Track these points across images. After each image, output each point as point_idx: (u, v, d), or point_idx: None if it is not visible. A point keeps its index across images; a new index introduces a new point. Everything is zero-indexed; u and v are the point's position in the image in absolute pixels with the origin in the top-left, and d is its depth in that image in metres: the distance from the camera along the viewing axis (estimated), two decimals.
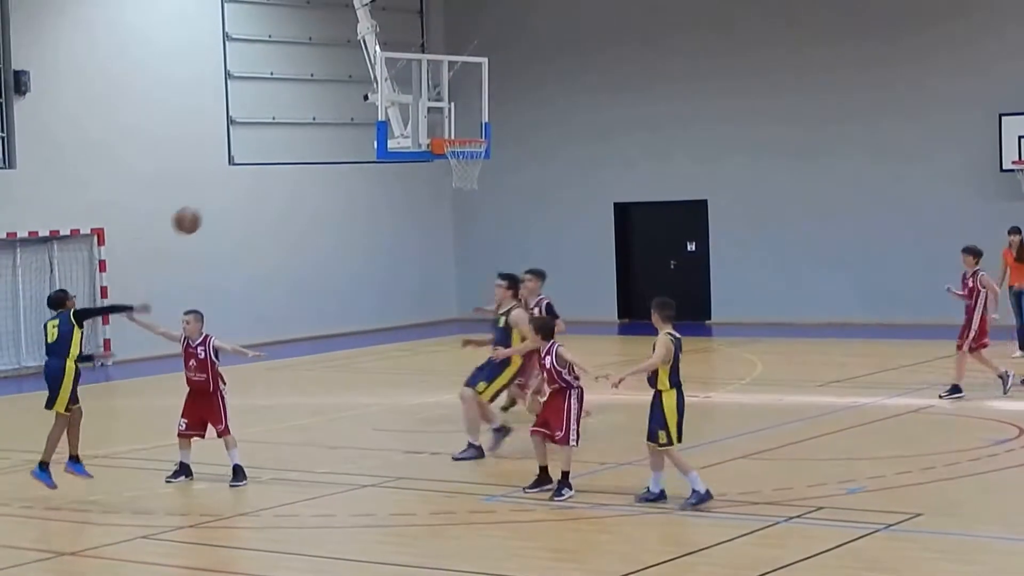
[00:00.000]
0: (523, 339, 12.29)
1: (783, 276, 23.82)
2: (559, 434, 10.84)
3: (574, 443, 10.91)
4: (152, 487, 12.00)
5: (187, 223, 11.39)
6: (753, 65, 23.80)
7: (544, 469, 11.05)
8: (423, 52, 20.08)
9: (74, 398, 11.51)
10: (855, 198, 23.19)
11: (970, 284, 15.14)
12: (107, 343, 21.68)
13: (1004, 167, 21.56)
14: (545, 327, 11.28)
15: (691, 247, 25.02)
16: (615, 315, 25.49)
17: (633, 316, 25.41)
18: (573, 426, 10.92)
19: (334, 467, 12.49)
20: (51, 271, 21.14)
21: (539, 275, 14.24)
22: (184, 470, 12.07)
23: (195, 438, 12.15)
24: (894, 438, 13.18)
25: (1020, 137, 21.34)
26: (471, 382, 12.59)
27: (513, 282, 13.03)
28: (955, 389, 15.03)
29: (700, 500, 10.38)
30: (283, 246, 24.04)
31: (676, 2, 24.58)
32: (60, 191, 21.28)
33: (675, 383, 10.54)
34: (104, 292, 21.60)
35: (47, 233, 21.06)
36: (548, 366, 10.99)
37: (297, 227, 24.37)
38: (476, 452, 12.46)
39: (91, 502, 11.42)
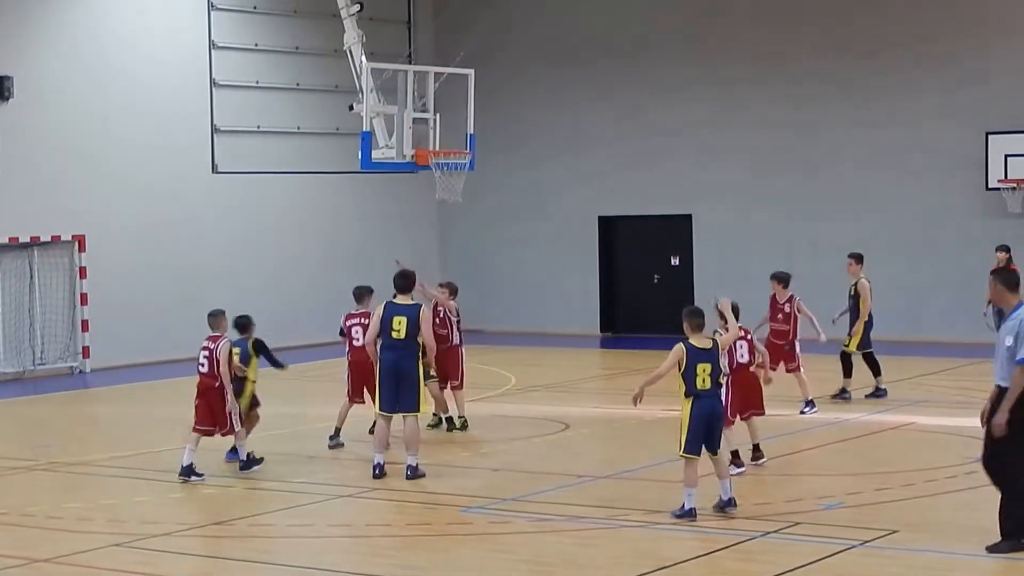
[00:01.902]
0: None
1: (767, 291, 23.80)
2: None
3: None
4: (128, 495, 11.92)
5: None
6: (739, 80, 23.86)
7: None
8: (409, 63, 20.06)
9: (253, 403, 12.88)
10: (841, 214, 23.24)
11: (786, 310, 15.30)
12: (86, 350, 21.58)
13: (990, 185, 21.65)
14: None
15: (675, 261, 25.03)
16: (598, 328, 25.49)
17: (616, 330, 25.41)
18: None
19: (311, 477, 12.44)
20: (31, 277, 21.05)
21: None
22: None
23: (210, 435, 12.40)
24: (872, 455, 13.18)
25: (1007, 156, 21.43)
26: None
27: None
28: (810, 403, 15.23)
29: (683, 515, 10.36)
30: (266, 255, 23.99)
31: (662, 16, 24.64)
32: (41, 197, 21.21)
33: (691, 392, 10.32)
34: (84, 299, 21.52)
35: (27, 239, 20.97)
36: None
37: (280, 236, 24.32)
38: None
39: (66, 509, 11.34)
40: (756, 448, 12.29)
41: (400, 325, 11.96)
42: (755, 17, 23.82)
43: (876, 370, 16.40)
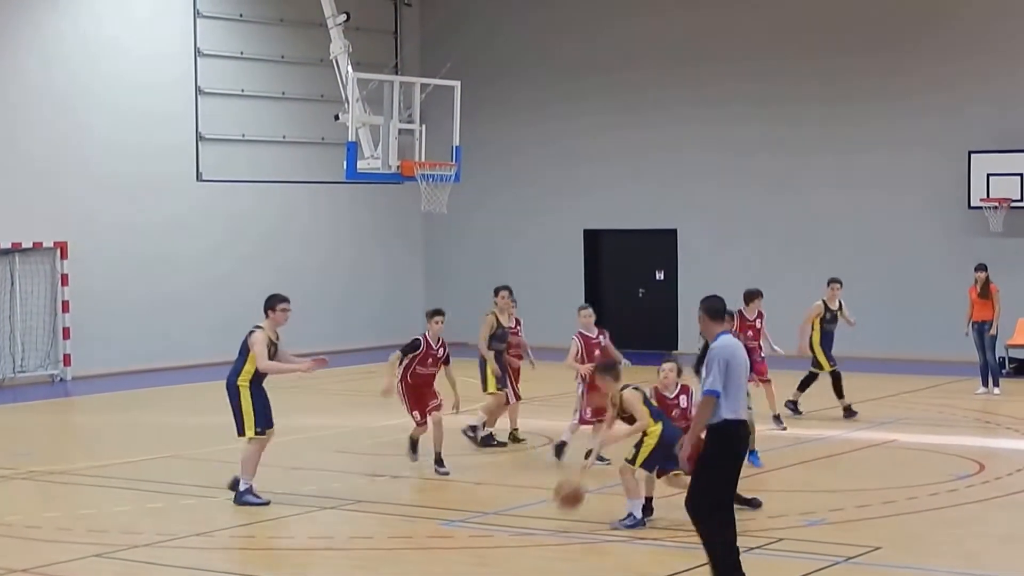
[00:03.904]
0: None
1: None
2: None
3: None
4: (108, 505, 11.84)
5: (567, 498, 10.61)
6: (724, 96, 23.92)
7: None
8: (396, 73, 20.05)
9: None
10: (824, 231, 23.31)
11: (756, 326, 15.35)
12: (67, 358, 21.46)
13: (972, 204, 21.72)
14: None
15: (660, 276, 25.05)
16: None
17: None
18: None
19: (293, 488, 12.38)
20: (12, 284, 20.94)
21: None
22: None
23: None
24: (855, 471, 13.19)
25: (989, 175, 21.51)
26: None
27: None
28: (777, 418, 15.32)
29: (634, 524, 10.48)
30: (250, 264, 23.90)
31: (648, 32, 24.69)
32: (23, 204, 21.11)
33: (660, 418, 10.70)
34: (65, 306, 21.41)
35: (9, 245, 20.86)
36: None
37: (265, 246, 24.26)
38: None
39: (45, 519, 11.26)
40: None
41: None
42: (741, 37, 23.88)
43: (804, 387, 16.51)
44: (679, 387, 11.34)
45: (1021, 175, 21.32)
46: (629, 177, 24.85)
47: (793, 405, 16.34)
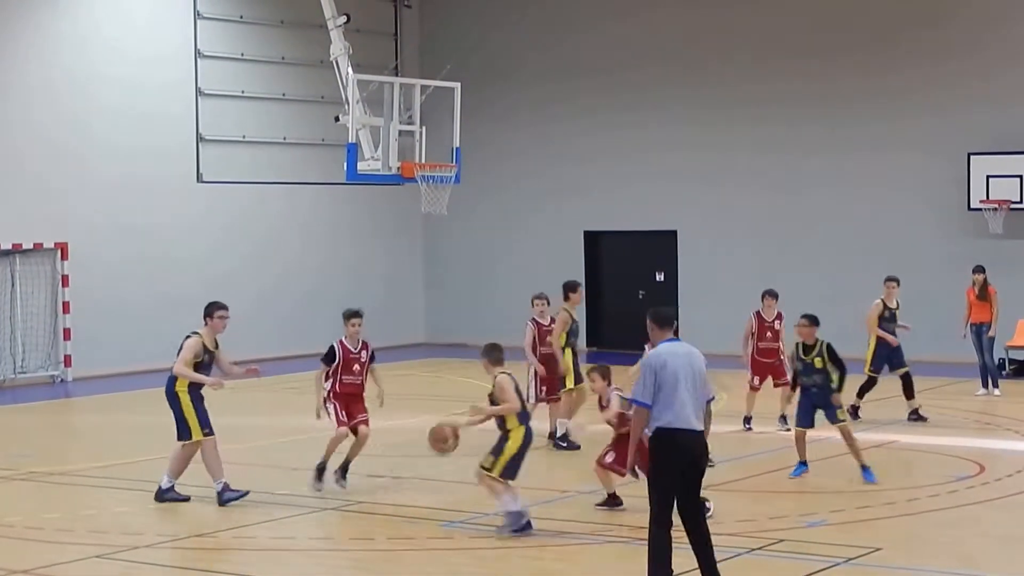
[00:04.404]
0: None
1: (750, 308, 23.83)
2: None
3: None
4: (108, 505, 11.85)
5: (438, 441, 10.64)
6: (724, 98, 23.94)
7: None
8: (396, 75, 20.07)
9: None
10: (823, 232, 23.32)
11: (776, 327, 15.33)
12: (67, 359, 21.48)
13: (972, 206, 21.74)
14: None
15: (660, 277, 25.06)
16: (584, 343, 25.44)
17: (602, 344, 25.40)
18: None
19: (294, 489, 12.38)
20: (12, 285, 20.95)
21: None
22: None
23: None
24: (856, 473, 13.18)
25: (988, 176, 21.53)
26: None
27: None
28: (784, 419, 15.22)
29: (516, 523, 10.43)
30: (250, 265, 23.93)
31: (648, 34, 24.71)
32: (24, 205, 21.13)
33: (525, 422, 10.63)
34: (66, 307, 21.43)
35: (9, 246, 20.88)
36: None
37: (265, 247, 24.28)
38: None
39: (46, 519, 11.27)
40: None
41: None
42: (739, 38, 23.89)
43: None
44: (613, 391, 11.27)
45: (1020, 177, 21.34)
46: (629, 178, 24.86)
47: (855, 411, 15.78)
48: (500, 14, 26.18)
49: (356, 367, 12.31)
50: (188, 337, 11.93)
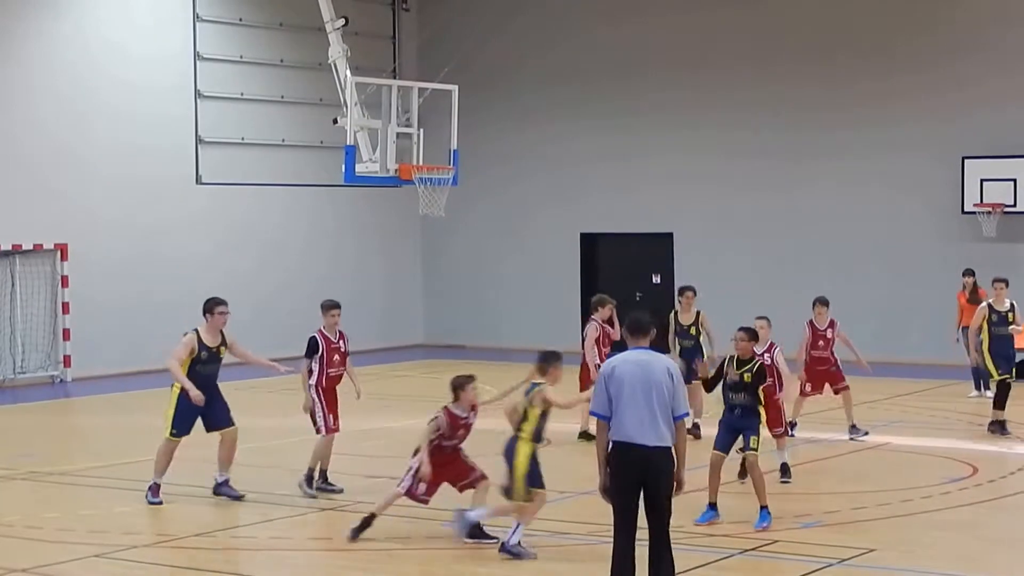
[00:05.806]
0: None
1: (747, 310, 23.92)
2: None
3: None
4: (108, 505, 11.91)
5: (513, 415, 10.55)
6: (721, 101, 24.03)
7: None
8: (394, 78, 20.15)
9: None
10: (819, 236, 23.42)
11: (828, 336, 15.08)
12: (67, 359, 21.54)
13: (966, 209, 21.83)
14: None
15: (656, 279, 25.14)
16: (579, 345, 25.49)
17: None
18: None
19: (293, 490, 12.44)
20: (12, 285, 21.02)
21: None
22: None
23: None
24: (850, 474, 13.28)
25: (982, 180, 21.63)
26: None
27: None
28: (855, 428, 15.08)
29: (522, 552, 10.09)
30: (249, 267, 24.00)
31: (645, 37, 24.80)
32: (24, 205, 21.19)
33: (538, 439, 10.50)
34: (66, 308, 21.50)
35: (9, 247, 20.94)
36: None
37: (264, 248, 24.35)
38: None
39: (46, 519, 11.33)
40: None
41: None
42: (737, 43, 23.98)
43: None
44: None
45: (1014, 180, 21.44)
46: (626, 181, 24.95)
47: (1000, 426, 15.09)
48: (498, 17, 26.26)
49: (336, 357, 12.58)
50: (185, 333, 12.02)
